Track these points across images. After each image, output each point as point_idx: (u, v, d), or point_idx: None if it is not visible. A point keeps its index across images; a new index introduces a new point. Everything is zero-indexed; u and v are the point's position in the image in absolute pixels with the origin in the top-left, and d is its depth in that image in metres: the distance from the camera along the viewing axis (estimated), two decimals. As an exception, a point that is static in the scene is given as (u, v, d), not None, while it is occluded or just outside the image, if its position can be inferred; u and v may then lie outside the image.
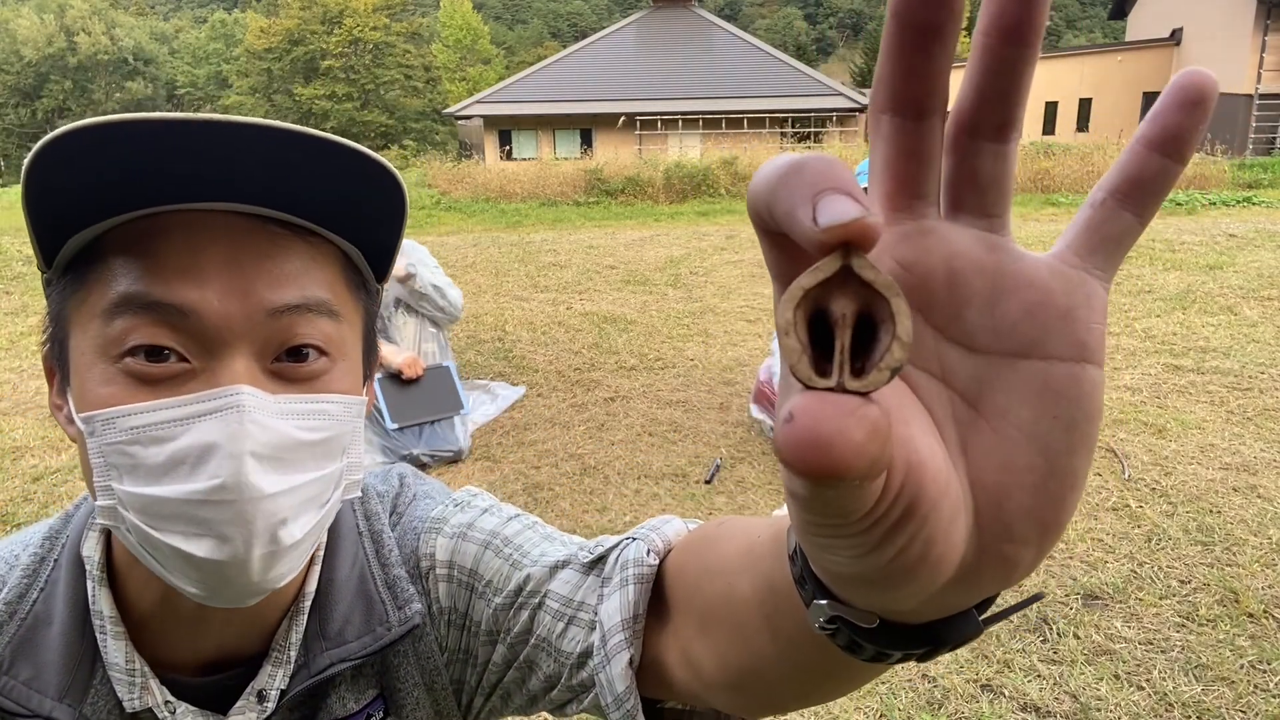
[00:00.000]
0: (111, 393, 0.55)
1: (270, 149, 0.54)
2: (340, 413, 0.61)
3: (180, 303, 0.55)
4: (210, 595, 0.58)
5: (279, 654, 0.67)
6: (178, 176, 0.55)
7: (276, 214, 0.59)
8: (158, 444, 0.54)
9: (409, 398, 3.86)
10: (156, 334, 0.55)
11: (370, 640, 0.69)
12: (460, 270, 8.07)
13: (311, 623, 0.68)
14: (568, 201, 14.26)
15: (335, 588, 0.70)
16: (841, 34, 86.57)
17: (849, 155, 15.55)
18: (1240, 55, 19.99)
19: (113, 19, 55.85)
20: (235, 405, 0.54)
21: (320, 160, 0.55)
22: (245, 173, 0.55)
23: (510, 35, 71.91)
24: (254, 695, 0.66)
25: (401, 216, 0.62)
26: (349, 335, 0.63)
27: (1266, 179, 13.28)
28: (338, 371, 0.61)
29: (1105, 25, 62.22)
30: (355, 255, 0.65)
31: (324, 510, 0.61)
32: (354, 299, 0.64)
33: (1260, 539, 2.88)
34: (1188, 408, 4.09)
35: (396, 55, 47.18)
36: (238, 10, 68.13)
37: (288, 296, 0.58)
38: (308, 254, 0.60)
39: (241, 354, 0.56)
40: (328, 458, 0.60)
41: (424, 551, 0.74)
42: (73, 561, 0.65)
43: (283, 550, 0.57)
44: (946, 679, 2.25)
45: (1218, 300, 6.06)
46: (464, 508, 0.77)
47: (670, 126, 24.56)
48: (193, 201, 0.57)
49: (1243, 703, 2.13)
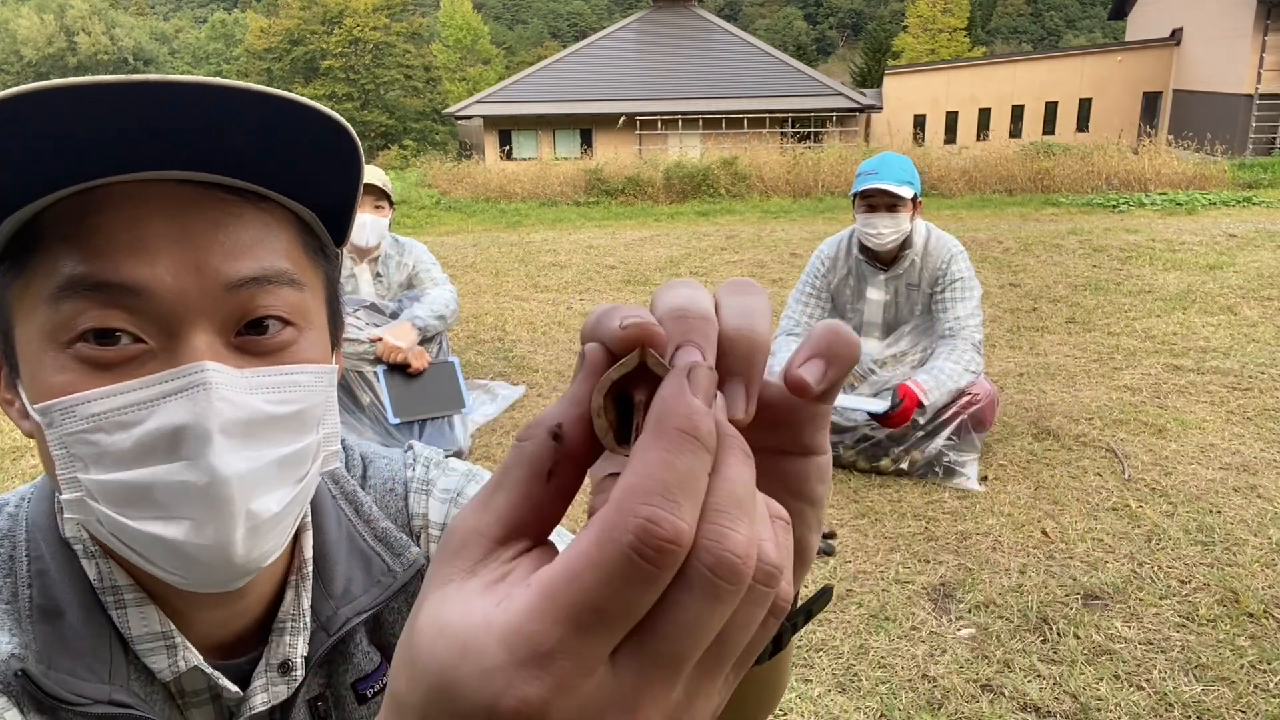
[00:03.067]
0: (67, 380, 0.53)
1: (212, 110, 0.51)
2: (311, 383, 0.59)
3: (130, 282, 0.52)
4: (194, 580, 0.56)
5: (294, 622, 0.66)
6: (115, 146, 0.51)
7: (224, 180, 0.56)
8: (123, 429, 0.52)
9: (412, 391, 3.82)
10: (107, 316, 0.52)
11: (378, 592, 0.68)
12: (460, 270, 8.07)
13: (315, 588, 0.68)
14: (568, 201, 14.26)
15: (329, 550, 0.69)
16: (841, 34, 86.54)
17: (849, 155, 15.53)
18: (1240, 55, 19.98)
19: (113, 19, 55.84)
20: (201, 383, 0.52)
21: (267, 119, 0.52)
22: (187, 138, 0.52)
23: (510, 35, 71.88)
24: (275, 669, 0.66)
25: (357, 174, 0.59)
26: (312, 303, 0.61)
27: (1266, 179, 13.27)
28: (305, 341, 0.59)
29: (1105, 25, 62.22)
30: (311, 219, 0.62)
31: (302, 485, 0.59)
32: (314, 265, 0.62)
33: (1260, 539, 2.88)
34: (1188, 408, 4.09)
35: (396, 55, 47.17)
36: (238, 10, 68.09)
37: (245, 268, 0.55)
38: (261, 221, 0.57)
39: (201, 330, 0.54)
40: (302, 430, 0.58)
41: (415, 510, 0.75)
42: (55, 550, 0.62)
43: (263, 528, 0.55)
44: (946, 679, 2.25)
45: (1218, 300, 6.06)
46: (440, 468, 0.77)
47: (670, 126, 24.56)
48: (133, 172, 0.53)
49: (1243, 703, 2.13)
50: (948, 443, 3.41)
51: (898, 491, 3.33)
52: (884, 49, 47.42)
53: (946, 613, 2.56)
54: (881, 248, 3.53)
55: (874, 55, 46.32)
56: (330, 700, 0.70)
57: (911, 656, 2.36)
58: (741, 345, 0.28)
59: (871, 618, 2.54)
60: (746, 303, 0.29)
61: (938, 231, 3.63)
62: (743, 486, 0.24)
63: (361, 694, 0.70)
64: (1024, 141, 18.28)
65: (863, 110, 25.41)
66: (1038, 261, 7.66)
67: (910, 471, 3.43)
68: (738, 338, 0.28)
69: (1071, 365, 4.78)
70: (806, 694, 2.21)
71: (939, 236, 3.60)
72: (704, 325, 0.27)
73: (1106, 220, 10.22)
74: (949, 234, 3.65)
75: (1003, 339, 5.33)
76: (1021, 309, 6.04)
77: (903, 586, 2.69)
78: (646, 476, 0.22)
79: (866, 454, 3.48)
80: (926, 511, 3.16)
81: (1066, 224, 9.91)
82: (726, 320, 0.28)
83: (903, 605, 2.59)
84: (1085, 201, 11.87)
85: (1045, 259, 7.76)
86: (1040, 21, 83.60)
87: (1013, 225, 9.96)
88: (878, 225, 3.47)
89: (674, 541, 0.21)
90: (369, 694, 0.70)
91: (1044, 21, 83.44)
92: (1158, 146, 15.07)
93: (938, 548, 2.91)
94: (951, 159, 14.71)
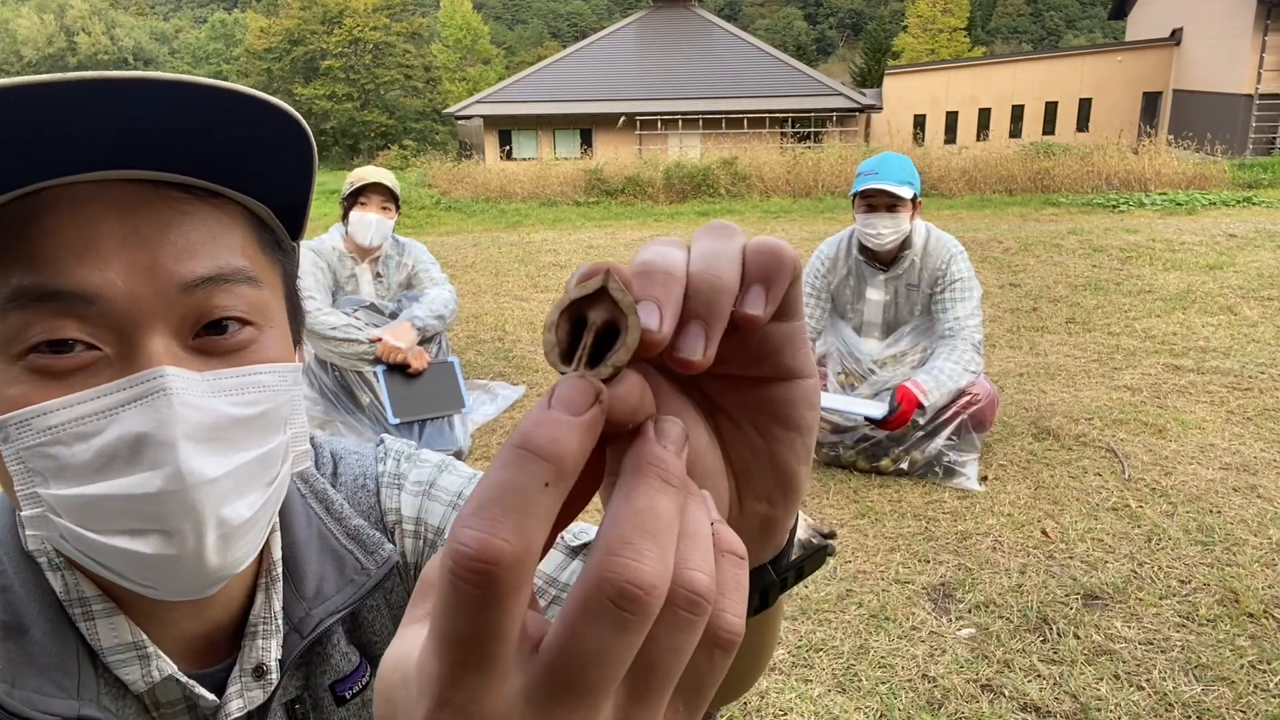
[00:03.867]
0: (19, 393, 0.50)
1: (155, 105, 0.49)
2: (275, 382, 0.57)
3: (80, 289, 0.50)
4: (165, 591, 0.54)
5: (266, 625, 0.65)
6: (55, 146, 0.49)
7: (172, 177, 0.54)
8: (82, 440, 0.50)
9: (412, 392, 3.81)
10: (59, 326, 0.50)
11: (352, 591, 0.67)
12: (460, 270, 8.07)
13: (286, 589, 0.66)
14: (568, 201, 14.26)
15: (299, 550, 0.67)
16: (841, 34, 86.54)
17: (849, 155, 15.52)
18: (1240, 55, 19.98)
19: (113, 19, 55.84)
20: (161, 389, 0.50)
21: (213, 112, 0.50)
22: (131, 135, 0.50)
23: (510, 35, 71.88)
24: (249, 674, 0.64)
25: (310, 164, 0.57)
26: (271, 300, 0.59)
27: (1266, 179, 13.27)
28: (266, 340, 0.57)
29: (1105, 25, 62.23)
30: (265, 213, 0.60)
31: (273, 488, 0.57)
32: (270, 260, 0.60)
33: (1260, 539, 2.88)
34: (1188, 408, 4.09)
35: (396, 55, 47.15)
36: (238, 10, 68.08)
37: (199, 268, 0.53)
38: (213, 218, 0.55)
39: (158, 333, 0.52)
40: (269, 431, 0.56)
41: (388, 506, 0.73)
42: (18, 564, 0.60)
43: (235, 534, 0.54)
44: (946, 679, 2.25)
45: (1218, 300, 6.06)
46: (412, 461, 0.76)
47: (670, 126, 24.56)
48: (76, 173, 0.51)
49: (1243, 703, 2.13)
50: (948, 443, 3.41)
51: (898, 491, 3.33)
52: (884, 49, 47.42)
53: (946, 613, 2.56)
54: (881, 248, 3.53)
55: (874, 55, 46.32)
56: (308, 703, 0.68)
57: (911, 656, 2.36)
58: (703, 288, 0.28)
59: (871, 618, 2.54)
60: (713, 246, 0.29)
61: (937, 232, 3.63)
62: (653, 516, 0.24)
63: (340, 696, 0.69)
64: (1024, 141, 18.27)
65: (863, 110, 25.41)
66: (1038, 261, 7.66)
67: (910, 471, 3.43)
68: (699, 281, 0.28)
69: (1071, 365, 4.78)
70: (806, 694, 2.21)
71: (939, 237, 3.60)
72: (667, 279, 0.27)
73: (1106, 220, 10.22)
74: (949, 234, 3.64)
75: (1003, 339, 5.33)
76: (1021, 309, 6.04)
77: (903, 586, 2.69)
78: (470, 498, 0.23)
79: (866, 454, 3.48)
80: (926, 511, 3.16)
81: (1066, 224, 9.91)
82: (691, 265, 0.29)
83: (903, 605, 2.59)
84: (1085, 201, 11.87)
85: (1045, 259, 7.76)
86: (1040, 21, 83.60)
87: (1013, 225, 9.96)
88: (877, 225, 3.47)
89: (484, 559, 0.21)
90: (348, 695, 0.69)
91: (1044, 21, 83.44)
92: (1158, 146, 15.08)
93: (938, 548, 2.91)
94: (951, 159, 14.72)
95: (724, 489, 0.34)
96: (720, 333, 0.28)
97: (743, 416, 0.34)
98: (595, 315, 0.27)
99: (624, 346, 0.26)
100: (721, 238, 0.30)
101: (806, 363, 0.33)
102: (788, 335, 0.32)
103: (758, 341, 0.32)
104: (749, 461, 0.35)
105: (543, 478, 0.23)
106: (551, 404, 0.24)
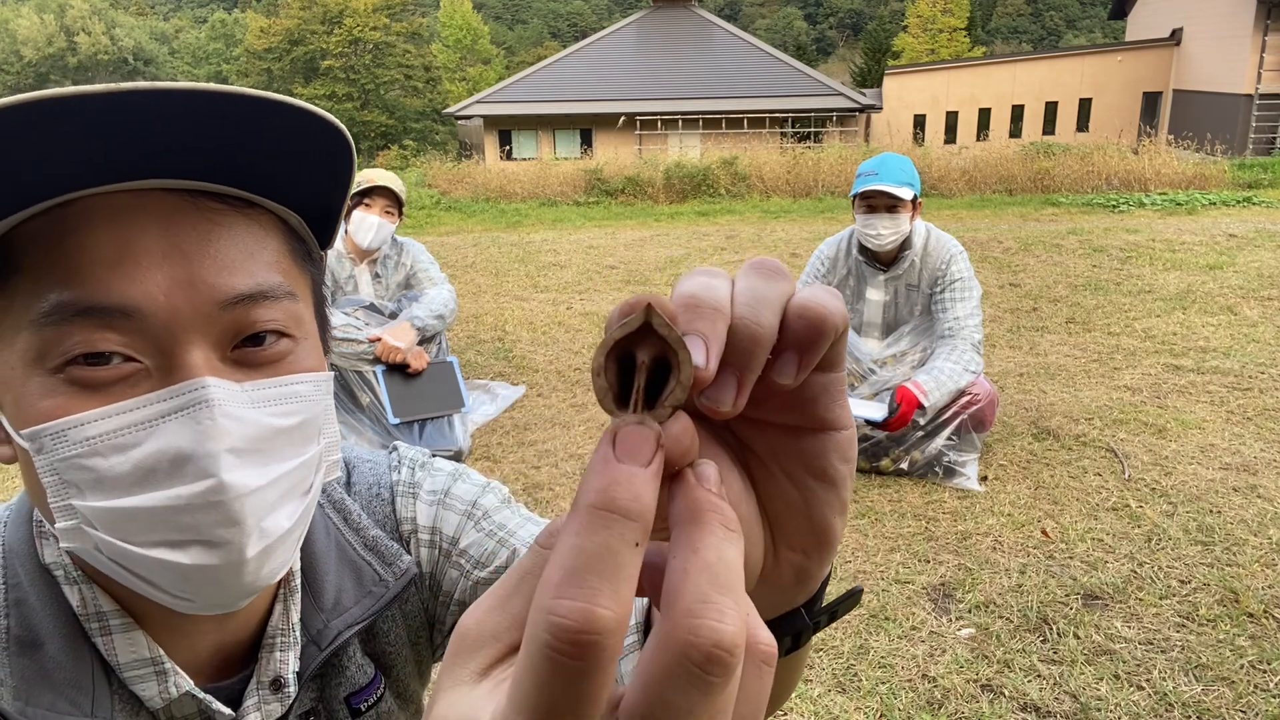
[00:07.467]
0: (57, 404, 0.49)
1: (194, 115, 0.48)
2: (311, 392, 0.57)
3: (121, 304, 0.49)
4: (200, 604, 0.54)
5: (284, 637, 0.64)
6: (93, 156, 0.48)
7: (209, 186, 0.53)
8: (119, 452, 0.49)
9: (411, 392, 3.82)
10: (98, 339, 0.49)
11: (370, 603, 0.67)
12: (460, 270, 8.07)
13: (305, 601, 0.66)
14: (568, 201, 14.26)
15: (317, 562, 0.67)
16: (841, 34, 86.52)
17: (849, 155, 15.52)
18: (1240, 55, 19.98)
19: (113, 19, 55.84)
20: (203, 400, 0.50)
21: (252, 122, 0.49)
22: (169, 144, 0.49)
23: (510, 35, 71.88)
24: (266, 687, 0.64)
25: (348, 175, 0.56)
26: (305, 311, 0.59)
27: (1266, 179, 13.27)
28: (301, 351, 0.58)
29: (1105, 25, 62.22)
30: (296, 222, 0.59)
31: (309, 497, 0.57)
32: (302, 272, 0.60)
33: (1260, 539, 2.88)
34: (1188, 408, 4.09)
35: (396, 55, 47.15)
36: (238, 10, 68.08)
37: (240, 285, 0.53)
38: (249, 231, 0.55)
39: (197, 345, 0.51)
40: (305, 441, 0.56)
41: (403, 515, 0.73)
42: (34, 577, 0.59)
43: (274, 545, 0.53)
44: (946, 679, 2.25)
45: (1218, 300, 6.06)
46: (426, 469, 0.76)
47: (670, 126, 24.55)
48: (113, 183, 0.50)
49: (1243, 703, 2.13)
50: (948, 443, 3.41)
51: (898, 491, 3.33)
52: (884, 49, 47.41)
53: (946, 613, 2.56)
54: (881, 248, 3.53)
55: (874, 55, 46.31)
56: (323, 715, 0.68)
57: (911, 656, 2.36)
58: (742, 337, 0.27)
59: (871, 618, 2.54)
60: (759, 290, 0.29)
61: (937, 232, 3.63)
62: (725, 568, 0.23)
63: (355, 708, 0.68)
64: (1024, 141, 18.26)
65: (863, 110, 25.40)
66: (1038, 261, 7.65)
67: (910, 471, 3.43)
68: (739, 327, 0.27)
69: (1071, 365, 4.78)
70: (806, 694, 2.21)
71: (938, 237, 3.60)
72: (714, 315, 0.27)
73: (1106, 220, 10.22)
74: (949, 234, 3.65)
75: (1003, 339, 5.33)
76: (1021, 309, 6.04)
77: (903, 586, 2.69)
78: (556, 566, 0.22)
79: (866, 454, 3.48)
80: (926, 511, 3.16)
81: (1066, 224, 9.91)
82: (735, 306, 0.28)
83: (903, 605, 2.59)
84: (1085, 201, 11.87)
85: (1045, 259, 7.75)
86: (1040, 21, 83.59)
87: (1013, 225, 9.96)
88: (877, 226, 3.47)
89: (589, 631, 0.20)
90: (363, 708, 0.68)
91: (1044, 21, 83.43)
92: (1158, 146, 15.07)
93: (938, 548, 2.91)
94: (951, 159, 14.71)
95: (759, 538, 0.34)
96: (752, 383, 0.27)
97: (775, 464, 0.33)
98: (643, 354, 0.26)
99: (679, 385, 0.25)
100: (768, 279, 0.29)
101: (843, 415, 0.32)
102: (825, 387, 0.31)
103: (794, 389, 0.31)
104: (782, 512, 0.34)
105: (632, 539, 0.22)
106: (619, 456, 0.23)
